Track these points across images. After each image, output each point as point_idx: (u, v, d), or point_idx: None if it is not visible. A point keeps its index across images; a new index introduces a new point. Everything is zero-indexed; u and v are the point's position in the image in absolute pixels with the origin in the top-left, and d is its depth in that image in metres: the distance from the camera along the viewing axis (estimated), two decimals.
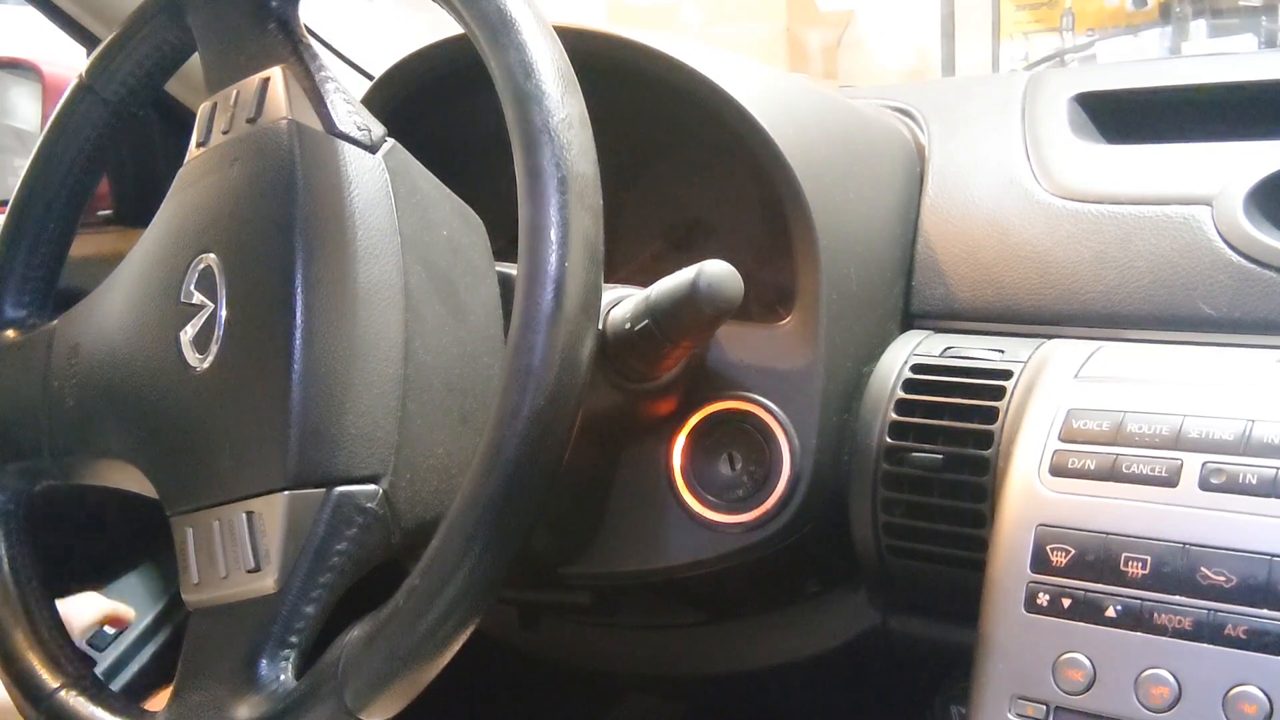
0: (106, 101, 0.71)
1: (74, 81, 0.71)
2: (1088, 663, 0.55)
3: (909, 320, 0.77)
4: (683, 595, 0.79)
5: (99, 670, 0.95)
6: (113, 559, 1.02)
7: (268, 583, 0.54)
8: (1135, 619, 0.54)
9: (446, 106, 0.82)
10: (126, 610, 0.95)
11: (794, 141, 0.69)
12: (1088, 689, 0.55)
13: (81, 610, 0.91)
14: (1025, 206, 0.75)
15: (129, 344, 0.62)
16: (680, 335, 0.61)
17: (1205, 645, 0.53)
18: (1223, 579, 0.53)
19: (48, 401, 0.66)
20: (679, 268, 0.60)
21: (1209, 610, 0.53)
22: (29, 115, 1.22)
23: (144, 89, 0.71)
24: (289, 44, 0.60)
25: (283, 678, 0.53)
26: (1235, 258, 0.67)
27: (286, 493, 0.54)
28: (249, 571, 0.54)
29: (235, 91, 0.61)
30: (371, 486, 0.54)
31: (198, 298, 0.59)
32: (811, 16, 3.08)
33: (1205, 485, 0.55)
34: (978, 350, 0.70)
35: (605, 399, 0.65)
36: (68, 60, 1.14)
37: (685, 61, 0.70)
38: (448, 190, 0.62)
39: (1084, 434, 0.59)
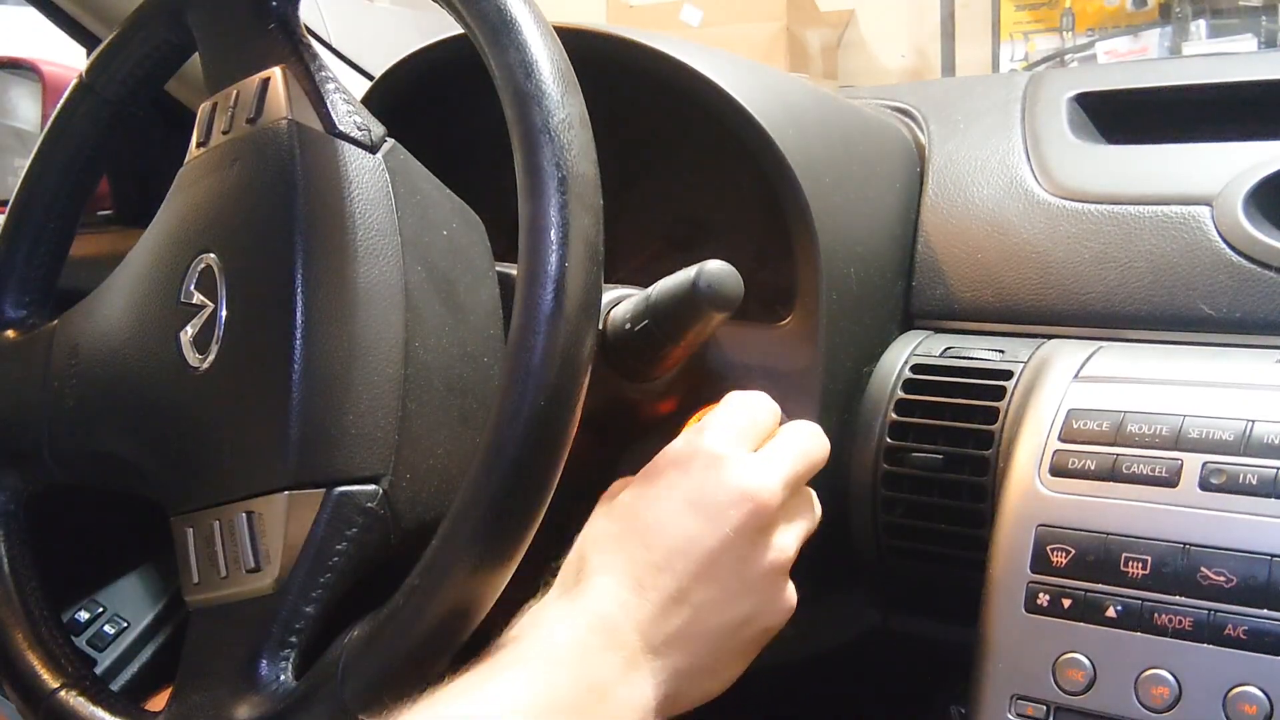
0: (106, 101, 0.71)
1: (74, 81, 0.71)
2: (1088, 663, 0.55)
3: (909, 320, 0.77)
4: None
5: (99, 670, 0.95)
6: (112, 559, 1.02)
7: (267, 583, 0.54)
8: (1135, 619, 0.54)
9: (446, 106, 0.82)
10: None
11: (794, 141, 0.69)
12: (1088, 689, 0.55)
13: None
14: (1025, 206, 0.75)
15: (129, 344, 0.62)
16: (680, 335, 0.61)
17: (1205, 645, 0.53)
18: (1223, 579, 0.53)
19: (48, 401, 0.66)
20: (679, 268, 0.60)
21: (1209, 610, 0.53)
22: (29, 115, 1.22)
23: (144, 89, 0.71)
24: (289, 44, 0.60)
25: (283, 678, 0.53)
26: (1235, 258, 0.67)
27: (286, 493, 0.54)
28: (249, 571, 0.54)
29: (235, 92, 0.61)
30: (371, 487, 0.54)
31: (198, 298, 0.59)
32: (811, 16, 3.08)
33: (1205, 485, 0.55)
34: (978, 350, 0.70)
35: (605, 399, 0.65)
36: (68, 60, 1.14)
37: (685, 61, 0.70)
38: (448, 190, 0.62)
39: (1084, 434, 0.59)
